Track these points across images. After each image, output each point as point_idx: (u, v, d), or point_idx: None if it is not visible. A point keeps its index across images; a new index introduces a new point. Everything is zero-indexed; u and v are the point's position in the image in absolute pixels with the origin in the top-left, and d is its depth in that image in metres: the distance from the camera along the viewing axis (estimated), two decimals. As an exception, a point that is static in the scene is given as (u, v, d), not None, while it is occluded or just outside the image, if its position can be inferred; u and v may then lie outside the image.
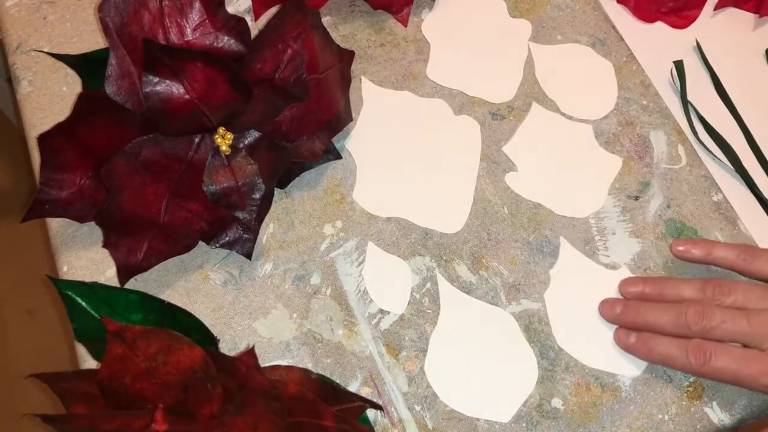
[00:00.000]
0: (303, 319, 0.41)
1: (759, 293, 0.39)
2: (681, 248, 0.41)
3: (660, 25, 0.51)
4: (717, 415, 0.39)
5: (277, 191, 0.44)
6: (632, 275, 0.42)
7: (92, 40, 0.49)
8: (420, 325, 0.41)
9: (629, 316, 0.40)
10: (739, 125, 0.47)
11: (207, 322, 0.40)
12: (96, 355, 0.39)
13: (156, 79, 0.37)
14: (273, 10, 0.49)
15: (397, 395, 0.39)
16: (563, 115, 0.47)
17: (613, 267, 0.42)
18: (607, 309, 0.41)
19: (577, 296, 0.42)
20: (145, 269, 0.41)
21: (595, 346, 0.40)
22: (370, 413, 0.39)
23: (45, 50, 0.48)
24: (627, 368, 0.40)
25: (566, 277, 0.42)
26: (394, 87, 0.48)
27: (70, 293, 0.39)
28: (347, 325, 0.41)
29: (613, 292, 0.42)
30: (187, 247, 0.41)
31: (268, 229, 0.43)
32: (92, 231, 0.43)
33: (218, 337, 0.40)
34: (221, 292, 0.41)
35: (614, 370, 0.40)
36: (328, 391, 0.37)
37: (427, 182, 0.45)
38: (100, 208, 0.40)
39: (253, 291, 0.42)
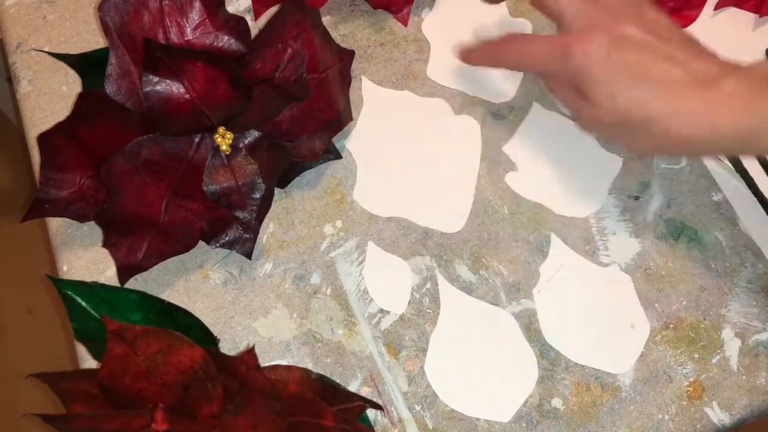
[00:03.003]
0: (303, 319, 0.41)
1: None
2: None
3: (660, 25, 0.51)
4: (717, 415, 0.39)
5: (277, 191, 0.44)
6: (623, 273, 0.42)
7: (92, 39, 0.49)
8: (420, 325, 0.41)
9: None
10: (739, 125, 0.47)
11: (207, 321, 0.40)
12: (96, 355, 0.39)
13: (156, 79, 0.37)
14: (273, 9, 0.49)
15: (397, 395, 0.39)
16: (563, 114, 0.47)
17: (605, 265, 0.42)
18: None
19: (567, 292, 0.42)
20: (145, 269, 0.41)
21: (582, 343, 0.40)
22: (370, 413, 0.39)
23: (45, 50, 0.48)
24: (615, 366, 0.40)
25: (556, 272, 0.42)
26: (394, 87, 0.48)
27: (70, 293, 0.39)
28: (347, 325, 0.41)
29: (602, 289, 0.42)
30: (187, 247, 0.41)
31: (268, 229, 0.43)
32: (92, 231, 0.43)
33: (218, 337, 0.40)
34: (221, 292, 0.41)
35: (601, 367, 0.40)
36: (328, 391, 0.37)
37: (427, 182, 0.45)
38: (100, 207, 0.40)
39: (253, 291, 0.42)
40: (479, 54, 0.44)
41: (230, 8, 0.49)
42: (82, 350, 0.39)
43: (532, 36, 0.41)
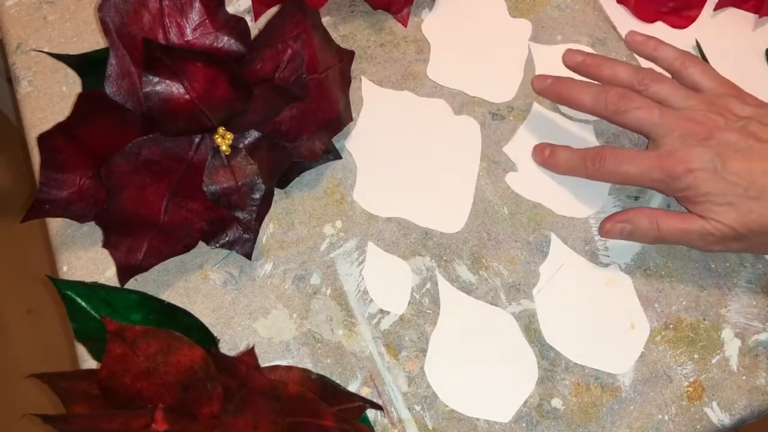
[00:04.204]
0: (303, 319, 0.41)
1: (684, 94, 0.41)
2: (638, 39, 0.45)
3: (660, 25, 0.51)
4: (717, 415, 0.39)
5: (277, 191, 0.44)
6: (623, 273, 0.42)
7: (92, 40, 0.49)
8: (420, 325, 0.41)
9: (557, 87, 0.44)
10: (739, 125, 0.47)
11: (207, 322, 0.40)
12: (96, 355, 0.39)
13: (156, 79, 0.37)
14: (273, 10, 0.49)
15: (397, 395, 0.39)
16: (563, 115, 0.47)
17: (605, 265, 0.42)
18: (538, 81, 0.45)
19: (567, 292, 0.42)
20: (145, 269, 0.41)
21: (582, 343, 0.40)
22: (370, 413, 0.39)
23: (45, 50, 0.48)
24: (615, 366, 0.40)
25: (556, 272, 0.42)
26: (394, 87, 0.48)
27: (70, 293, 0.39)
28: (347, 325, 0.41)
29: (602, 289, 0.42)
30: (187, 247, 0.41)
31: (268, 229, 0.43)
32: (92, 231, 0.43)
33: (218, 337, 0.40)
34: (221, 292, 0.41)
35: (601, 367, 0.40)
36: (328, 391, 0.37)
37: (427, 182, 0.45)
38: (100, 208, 0.40)
39: (253, 291, 0.42)
40: (565, 164, 0.43)
41: (230, 8, 0.49)
42: (82, 350, 0.39)
43: (629, 153, 0.41)
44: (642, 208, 0.42)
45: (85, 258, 0.42)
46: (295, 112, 0.42)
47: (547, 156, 0.44)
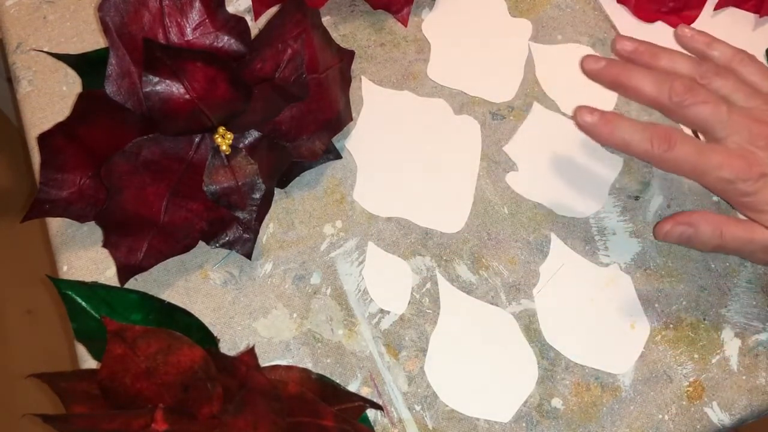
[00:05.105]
0: (303, 319, 0.41)
1: (748, 91, 0.38)
2: (687, 33, 0.41)
3: (660, 25, 0.51)
4: (717, 415, 0.39)
5: (277, 191, 0.44)
6: (623, 273, 0.42)
7: (92, 39, 0.49)
8: (420, 325, 0.41)
9: (613, 71, 0.38)
10: (739, 125, 0.47)
11: (207, 321, 0.40)
12: (96, 355, 0.39)
13: (156, 79, 0.37)
14: (273, 9, 0.49)
15: (397, 395, 0.39)
16: (564, 114, 0.47)
17: (605, 265, 0.42)
18: (590, 61, 0.39)
19: (567, 292, 0.42)
20: (145, 269, 0.41)
21: (582, 343, 0.40)
22: (370, 413, 0.39)
23: (45, 50, 0.48)
24: (615, 366, 0.40)
25: (556, 272, 0.42)
26: (394, 87, 0.48)
27: (70, 293, 0.39)
28: (347, 325, 0.41)
29: (602, 289, 0.42)
30: (187, 247, 0.41)
31: (268, 229, 0.43)
32: (92, 231, 0.43)
33: (218, 337, 0.40)
34: (221, 292, 0.41)
35: (601, 367, 0.40)
36: (328, 391, 0.37)
37: (427, 182, 0.45)
38: (100, 208, 0.40)
39: (253, 291, 0.42)
40: (624, 135, 0.37)
41: (230, 8, 0.49)
42: (82, 350, 0.39)
43: (699, 143, 0.37)
44: (705, 212, 0.39)
45: (85, 258, 0.42)
46: (295, 111, 0.42)
47: (598, 121, 0.37)
